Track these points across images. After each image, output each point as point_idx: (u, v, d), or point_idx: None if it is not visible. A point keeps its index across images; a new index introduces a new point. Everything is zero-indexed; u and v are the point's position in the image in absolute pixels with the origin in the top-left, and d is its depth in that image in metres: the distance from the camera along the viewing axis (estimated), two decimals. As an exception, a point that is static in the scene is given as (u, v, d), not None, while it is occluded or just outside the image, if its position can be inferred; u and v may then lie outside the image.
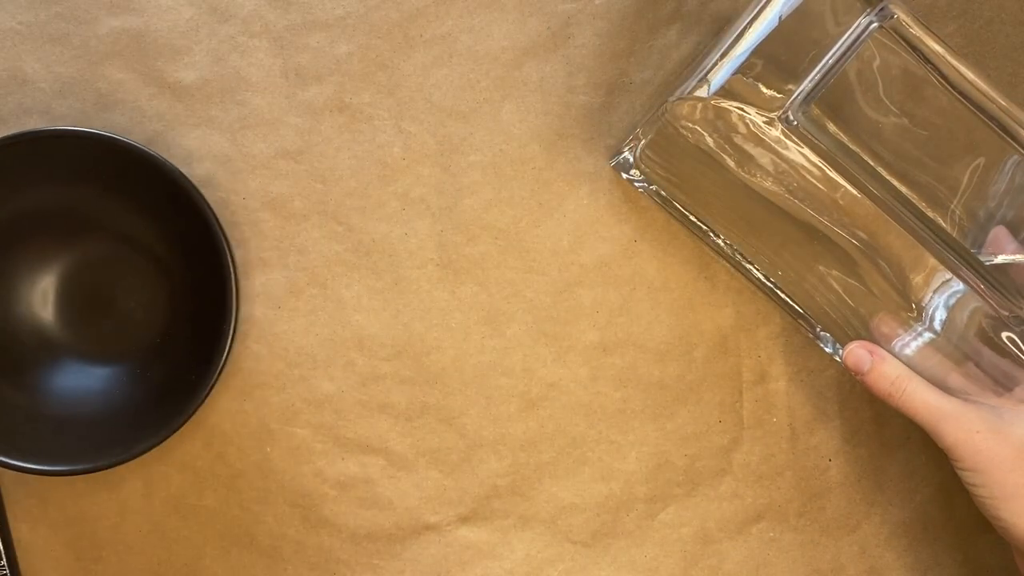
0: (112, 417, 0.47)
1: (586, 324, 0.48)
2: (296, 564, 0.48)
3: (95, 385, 0.48)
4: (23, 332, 0.47)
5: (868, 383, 0.43)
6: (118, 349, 0.48)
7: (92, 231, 0.47)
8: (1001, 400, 0.41)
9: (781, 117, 0.37)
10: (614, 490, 0.49)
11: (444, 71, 0.48)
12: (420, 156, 0.48)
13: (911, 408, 0.42)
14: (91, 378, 0.48)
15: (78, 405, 0.47)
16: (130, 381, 0.48)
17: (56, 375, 0.47)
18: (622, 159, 0.47)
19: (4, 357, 0.47)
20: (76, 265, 0.48)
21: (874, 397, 0.44)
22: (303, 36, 0.47)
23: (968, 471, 0.42)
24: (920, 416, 0.42)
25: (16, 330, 0.47)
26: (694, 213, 0.47)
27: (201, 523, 0.48)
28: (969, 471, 0.41)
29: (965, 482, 0.42)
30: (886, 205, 0.38)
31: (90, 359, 0.48)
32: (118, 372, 0.48)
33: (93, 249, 0.48)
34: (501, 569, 0.49)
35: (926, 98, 0.38)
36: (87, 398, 0.47)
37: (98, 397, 0.47)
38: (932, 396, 0.42)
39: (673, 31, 0.48)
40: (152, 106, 0.47)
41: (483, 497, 0.49)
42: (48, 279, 0.48)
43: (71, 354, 0.48)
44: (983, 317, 0.39)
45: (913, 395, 0.42)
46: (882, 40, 0.38)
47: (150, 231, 0.47)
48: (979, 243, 0.39)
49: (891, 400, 0.43)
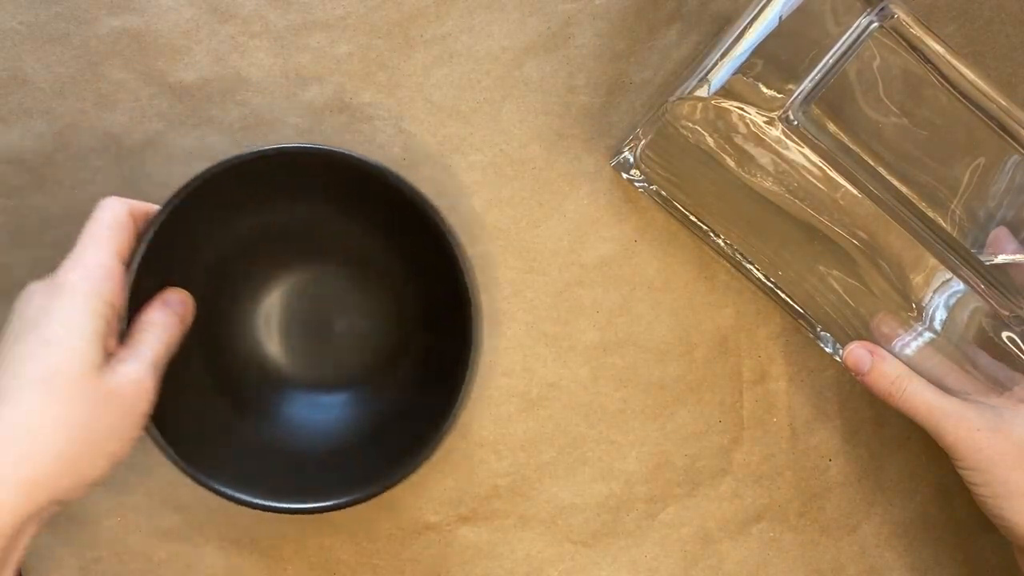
0: (351, 447, 0.44)
1: (586, 324, 0.48)
2: (296, 564, 0.48)
3: (327, 415, 0.46)
4: (252, 364, 0.46)
5: (868, 383, 0.43)
6: (345, 374, 0.46)
7: (321, 251, 0.46)
8: (1001, 400, 0.41)
9: (781, 117, 0.37)
10: (614, 490, 0.49)
11: (444, 71, 0.48)
12: (420, 156, 0.48)
13: (911, 408, 0.42)
14: (321, 407, 0.46)
15: (314, 436, 0.45)
16: (364, 407, 0.46)
17: (286, 406, 0.45)
18: (622, 159, 0.47)
19: (235, 388, 0.45)
20: (299, 287, 0.46)
21: (874, 397, 0.43)
22: (303, 36, 0.47)
23: (969, 470, 0.41)
24: (920, 415, 0.42)
25: (246, 361, 0.46)
26: (694, 213, 0.47)
27: (201, 523, 0.48)
28: (970, 470, 0.41)
29: (966, 481, 0.42)
30: (886, 205, 0.38)
31: (317, 387, 0.46)
32: (349, 399, 0.46)
33: (319, 270, 0.46)
34: (501, 569, 0.49)
35: (926, 98, 0.38)
36: (321, 428, 0.45)
37: (332, 426, 0.45)
38: (932, 395, 0.42)
39: (673, 31, 0.48)
40: (152, 106, 0.47)
41: (483, 497, 0.48)
42: (272, 301, 0.46)
43: (297, 383, 0.46)
44: (983, 317, 0.39)
45: (913, 395, 0.42)
46: (882, 40, 0.38)
47: (381, 252, 0.46)
48: (979, 243, 0.39)
49: (891, 400, 0.43)
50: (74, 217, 0.47)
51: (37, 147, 0.47)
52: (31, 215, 0.47)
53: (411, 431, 0.42)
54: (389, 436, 0.44)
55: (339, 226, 0.45)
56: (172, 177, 0.47)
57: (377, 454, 0.43)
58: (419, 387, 0.45)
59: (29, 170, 0.47)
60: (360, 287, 0.47)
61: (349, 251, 0.46)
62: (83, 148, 0.47)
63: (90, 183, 0.47)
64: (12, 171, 0.47)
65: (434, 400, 0.42)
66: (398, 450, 0.42)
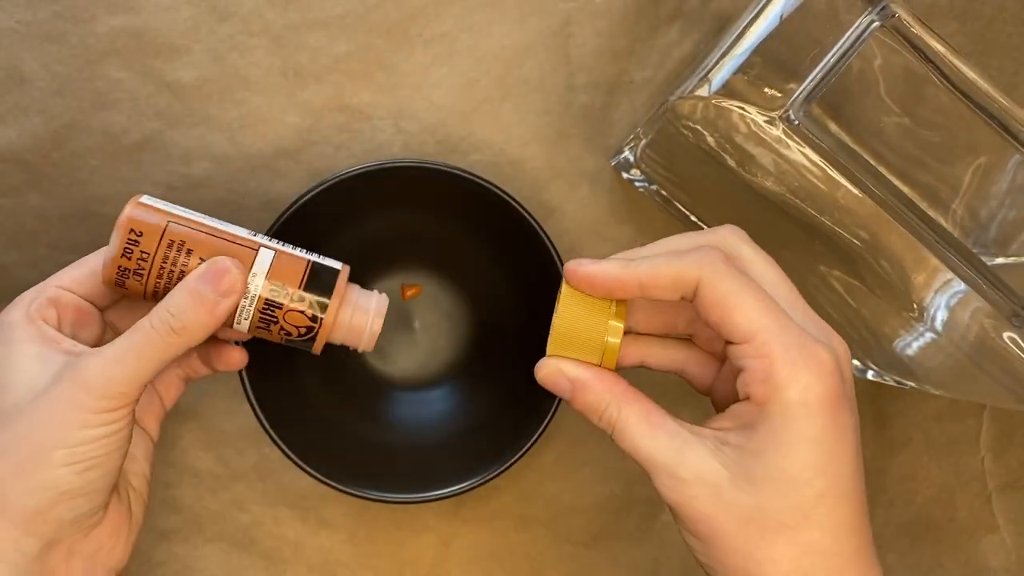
0: (453, 438, 0.47)
1: (586, 324, 0.48)
2: (296, 565, 0.48)
3: (426, 409, 0.48)
4: (359, 372, 0.48)
5: (577, 410, 0.36)
6: (441, 371, 0.48)
7: (418, 259, 0.48)
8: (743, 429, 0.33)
9: (782, 116, 0.37)
10: (615, 491, 0.49)
11: (444, 70, 0.48)
12: (419, 156, 0.48)
13: (626, 449, 0.34)
14: (420, 403, 0.48)
15: (417, 430, 0.47)
16: (461, 401, 0.48)
17: (391, 404, 0.48)
18: (622, 159, 0.47)
19: (349, 390, 0.47)
20: (396, 292, 0.48)
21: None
22: (302, 35, 0.47)
23: (689, 534, 0.34)
24: (637, 461, 0.34)
25: (350, 363, 0.48)
26: (695, 213, 0.47)
27: (201, 524, 0.48)
28: (690, 535, 0.34)
29: (686, 543, 0.34)
30: (887, 205, 0.38)
31: (417, 386, 0.48)
32: (446, 394, 0.48)
33: (411, 273, 0.48)
34: (501, 570, 0.49)
35: (927, 97, 0.38)
36: (422, 422, 0.47)
37: (433, 420, 0.47)
38: (644, 441, 0.34)
39: (674, 30, 0.48)
40: (151, 105, 0.47)
41: (483, 497, 0.48)
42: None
43: (398, 384, 0.48)
44: (985, 317, 0.39)
45: (623, 434, 0.34)
46: (883, 39, 0.38)
47: (475, 254, 0.47)
48: (981, 243, 0.39)
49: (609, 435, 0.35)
50: (72, 217, 0.47)
51: (34, 146, 0.47)
52: (28, 214, 0.47)
53: (513, 417, 0.44)
54: (489, 426, 0.46)
55: (443, 235, 0.47)
56: (170, 177, 0.47)
57: (481, 442, 0.45)
58: (517, 376, 0.46)
59: (26, 169, 0.47)
60: (452, 291, 0.48)
61: (443, 257, 0.48)
62: (81, 147, 0.47)
63: (88, 183, 0.47)
64: (9, 170, 0.47)
65: (534, 386, 0.44)
66: (500, 438, 0.44)
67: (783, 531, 0.31)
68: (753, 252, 0.35)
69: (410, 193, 0.45)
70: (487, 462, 0.44)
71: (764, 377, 0.32)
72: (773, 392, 0.32)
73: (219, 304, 0.35)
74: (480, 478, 0.43)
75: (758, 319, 0.32)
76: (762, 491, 0.32)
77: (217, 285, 0.35)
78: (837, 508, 0.32)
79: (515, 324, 0.47)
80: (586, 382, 0.35)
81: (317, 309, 0.38)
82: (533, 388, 0.41)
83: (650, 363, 0.39)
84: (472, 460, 0.44)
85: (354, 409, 0.47)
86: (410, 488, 0.43)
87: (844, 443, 0.32)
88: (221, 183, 0.47)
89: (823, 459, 0.32)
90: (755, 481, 0.32)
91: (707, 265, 0.33)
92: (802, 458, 0.31)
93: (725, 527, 0.32)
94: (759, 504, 0.32)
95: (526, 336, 0.46)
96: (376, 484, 0.43)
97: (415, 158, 0.48)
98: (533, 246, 0.44)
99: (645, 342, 0.38)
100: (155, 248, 0.36)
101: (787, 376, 0.32)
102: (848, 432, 0.32)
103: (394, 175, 0.43)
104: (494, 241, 0.46)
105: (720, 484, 0.32)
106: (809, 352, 0.32)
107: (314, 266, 0.38)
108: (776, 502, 0.31)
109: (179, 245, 0.36)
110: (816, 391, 0.32)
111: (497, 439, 0.45)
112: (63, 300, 0.38)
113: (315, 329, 0.38)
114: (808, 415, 0.31)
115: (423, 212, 0.46)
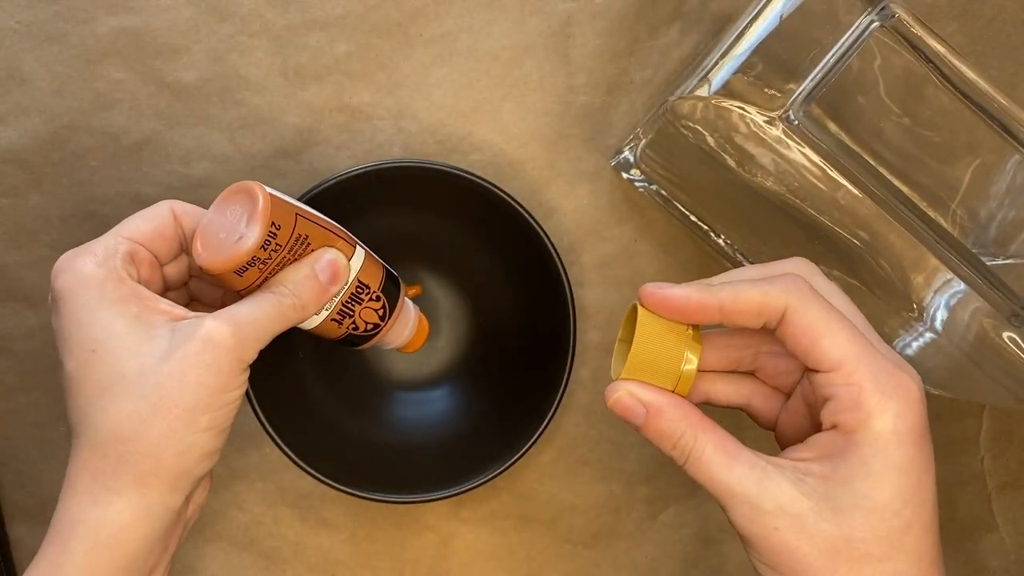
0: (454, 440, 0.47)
1: (586, 324, 0.48)
2: (296, 565, 0.48)
3: (426, 409, 0.48)
4: (361, 370, 0.48)
5: (648, 437, 0.34)
6: (443, 372, 0.49)
7: (422, 257, 0.48)
8: (828, 460, 0.32)
9: (782, 116, 0.37)
10: (615, 491, 0.49)
11: (444, 70, 0.48)
12: (419, 155, 0.48)
13: (700, 480, 0.33)
14: (420, 403, 0.48)
15: (417, 430, 0.47)
16: (461, 401, 0.48)
17: (391, 405, 0.48)
18: (622, 159, 0.47)
19: (350, 391, 0.47)
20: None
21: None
22: (302, 35, 0.47)
23: (766, 567, 0.33)
24: (712, 492, 0.33)
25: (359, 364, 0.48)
26: (694, 213, 0.47)
27: (201, 524, 0.48)
28: (768, 568, 0.32)
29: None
30: (887, 205, 0.38)
31: (418, 386, 0.49)
32: (446, 394, 0.48)
33: (411, 273, 0.48)
34: (501, 570, 0.49)
35: (927, 98, 0.38)
36: (423, 422, 0.48)
37: (433, 420, 0.48)
38: (722, 471, 0.32)
39: (674, 30, 0.48)
40: (151, 105, 0.47)
41: (483, 497, 0.48)
42: None
43: (400, 383, 0.49)
44: (984, 317, 0.39)
45: (698, 464, 0.33)
46: (883, 39, 0.38)
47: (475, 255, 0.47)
48: (980, 243, 0.39)
49: (679, 464, 0.34)
50: (72, 217, 0.47)
51: (35, 146, 0.47)
52: (28, 214, 0.47)
53: (513, 417, 0.45)
54: (489, 426, 0.46)
55: (443, 235, 0.47)
56: (170, 177, 0.47)
57: (481, 442, 0.45)
58: (517, 376, 0.47)
59: (27, 169, 0.47)
60: (452, 291, 0.49)
61: (443, 257, 0.48)
62: (81, 147, 0.47)
63: (88, 183, 0.47)
64: (10, 170, 0.47)
65: (534, 386, 0.45)
66: (500, 438, 0.44)
67: (869, 562, 0.31)
68: (826, 283, 0.35)
69: (410, 193, 0.45)
70: (487, 462, 0.44)
71: (853, 406, 0.31)
72: (863, 420, 0.31)
73: (328, 291, 0.37)
74: (480, 478, 0.43)
75: (847, 347, 0.32)
76: (849, 521, 0.31)
77: (334, 275, 0.37)
78: (922, 539, 0.32)
79: (515, 324, 0.47)
80: (661, 408, 0.33)
81: (387, 310, 0.40)
82: (533, 388, 0.41)
83: (717, 398, 0.37)
84: (472, 460, 0.44)
85: (354, 409, 0.47)
86: (410, 488, 0.43)
87: (929, 473, 0.32)
88: (221, 183, 0.47)
89: (910, 489, 0.31)
90: (842, 511, 0.31)
91: (794, 292, 0.32)
92: (892, 487, 0.31)
93: (809, 558, 0.31)
94: (845, 534, 0.31)
95: (526, 336, 0.46)
96: (376, 484, 0.43)
97: (415, 158, 0.48)
98: (533, 246, 0.44)
99: (711, 378, 0.37)
100: (287, 241, 0.36)
101: (877, 404, 0.31)
102: (931, 462, 0.32)
103: (394, 175, 0.43)
104: (494, 241, 0.46)
105: (804, 515, 0.31)
106: (897, 381, 0.32)
107: (388, 272, 0.40)
108: (864, 532, 0.31)
109: (304, 239, 0.37)
110: (907, 420, 0.31)
111: (497, 439, 0.45)
112: (139, 256, 0.37)
113: (380, 328, 0.40)
114: (898, 444, 0.31)
115: (423, 212, 0.46)
